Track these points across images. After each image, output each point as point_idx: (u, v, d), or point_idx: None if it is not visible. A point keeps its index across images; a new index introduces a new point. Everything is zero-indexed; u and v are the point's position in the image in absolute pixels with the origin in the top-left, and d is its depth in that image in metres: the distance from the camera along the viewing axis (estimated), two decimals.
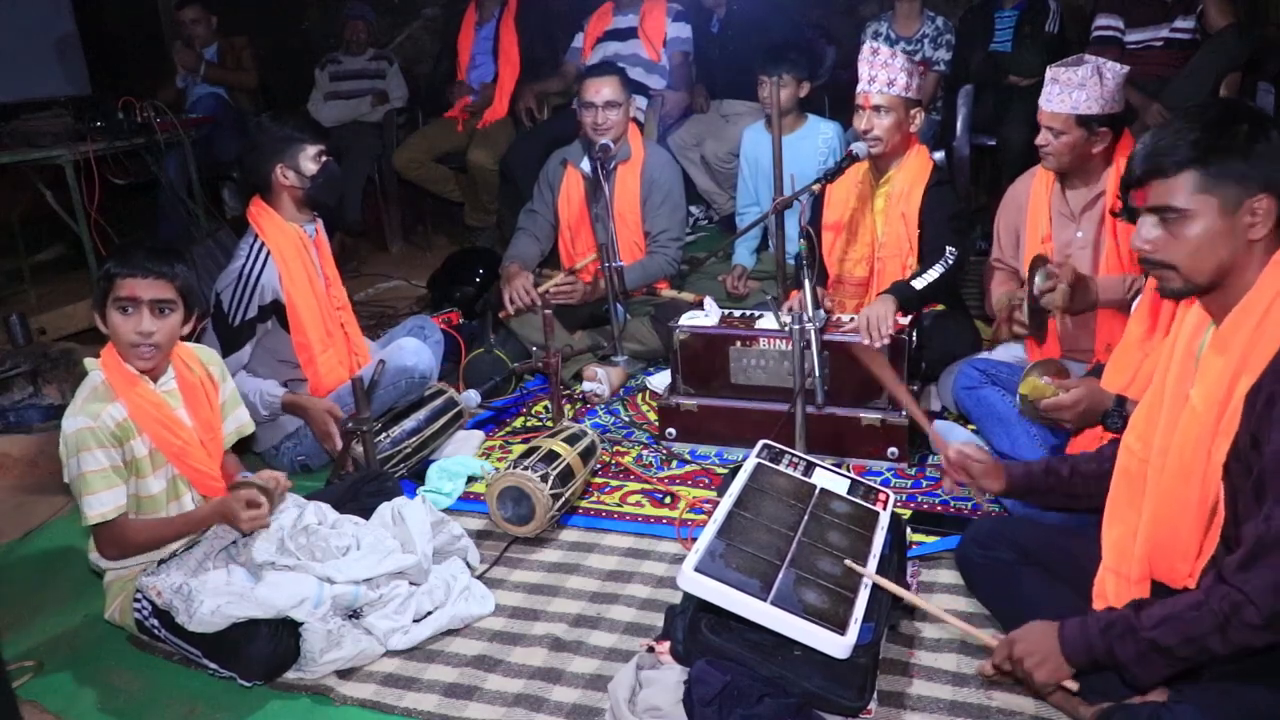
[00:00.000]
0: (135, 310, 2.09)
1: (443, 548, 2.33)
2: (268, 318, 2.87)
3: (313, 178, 2.84)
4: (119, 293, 2.08)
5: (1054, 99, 2.53)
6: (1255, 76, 4.12)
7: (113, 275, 2.09)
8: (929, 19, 4.62)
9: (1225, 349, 1.52)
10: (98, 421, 2.07)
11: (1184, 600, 1.47)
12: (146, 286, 2.09)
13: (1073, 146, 2.56)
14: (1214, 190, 1.49)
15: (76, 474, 2.07)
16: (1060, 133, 2.55)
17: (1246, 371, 1.48)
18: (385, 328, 3.82)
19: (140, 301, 2.09)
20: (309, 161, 2.83)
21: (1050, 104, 2.54)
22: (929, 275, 2.84)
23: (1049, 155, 2.60)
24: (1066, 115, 2.52)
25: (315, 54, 5.74)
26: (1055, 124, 2.55)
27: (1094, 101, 2.49)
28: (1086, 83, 2.49)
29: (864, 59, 2.93)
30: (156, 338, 2.11)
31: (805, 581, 1.85)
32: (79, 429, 2.06)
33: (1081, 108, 2.50)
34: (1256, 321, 1.48)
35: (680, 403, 2.97)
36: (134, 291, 2.08)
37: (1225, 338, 1.53)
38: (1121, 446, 1.75)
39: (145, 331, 2.09)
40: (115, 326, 2.10)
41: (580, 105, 3.62)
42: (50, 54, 5.26)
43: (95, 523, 2.09)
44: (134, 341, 2.10)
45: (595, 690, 1.97)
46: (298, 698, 2.05)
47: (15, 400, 3.42)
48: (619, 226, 3.65)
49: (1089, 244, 2.66)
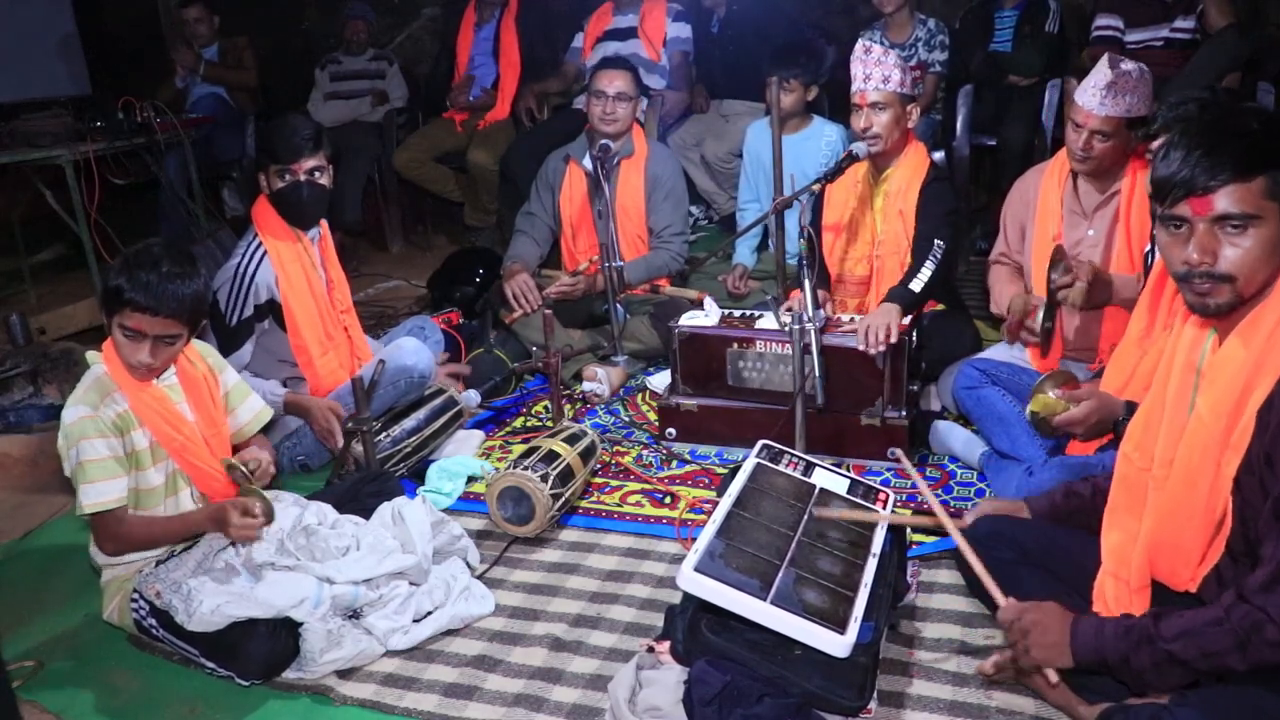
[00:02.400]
0: (139, 341, 2.07)
1: (443, 548, 2.33)
2: (264, 317, 2.87)
3: (274, 193, 2.84)
4: (125, 322, 2.05)
5: (1108, 103, 2.47)
6: (1255, 76, 4.12)
7: (123, 301, 2.02)
8: (920, 22, 4.63)
9: (1235, 359, 1.50)
10: (98, 411, 2.07)
11: (1204, 616, 1.46)
12: (155, 324, 2.05)
13: (1113, 150, 2.52)
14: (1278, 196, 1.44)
15: (75, 463, 2.06)
16: (1109, 136, 2.50)
17: (1259, 384, 1.46)
18: (385, 328, 3.82)
19: (146, 336, 2.06)
20: (273, 177, 2.83)
21: (1105, 108, 2.48)
22: (923, 274, 2.84)
23: (1090, 159, 2.54)
24: (1120, 119, 2.48)
25: (315, 54, 5.74)
26: (1106, 128, 2.49)
27: (1143, 103, 2.47)
28: (1139, 85, 2.45)
29: (857, 58, 2.93)
30: (155, 365, 2.11)
31: (805, 581, 1.85)
32: (79, 418, 2.06)
33: (1135, 110, 2.47)
34: (1268, 332, 1.46)
35: (680, 403, 2.97)
36: (140, 326, 2.04)
37: (1232, 348, 1.51)
38: (1119, 455, 1.74)
39: (143, 362, 2.08)
40: (118, 344, 2.09)
41: (590, 94, 3.63)
42: (50, 54, 5.27)
43: (92, 512, 2.07)
44: (133, 365, 2.09)
45: (595, 690, 1.97)
46: (298, 698, 2.05)
47: (15, 400, 3.42)
48: (621, 222, 3.65)
49: (1100, 242, 2.65)
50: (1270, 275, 1.48)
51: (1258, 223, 1.44)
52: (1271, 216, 1.44)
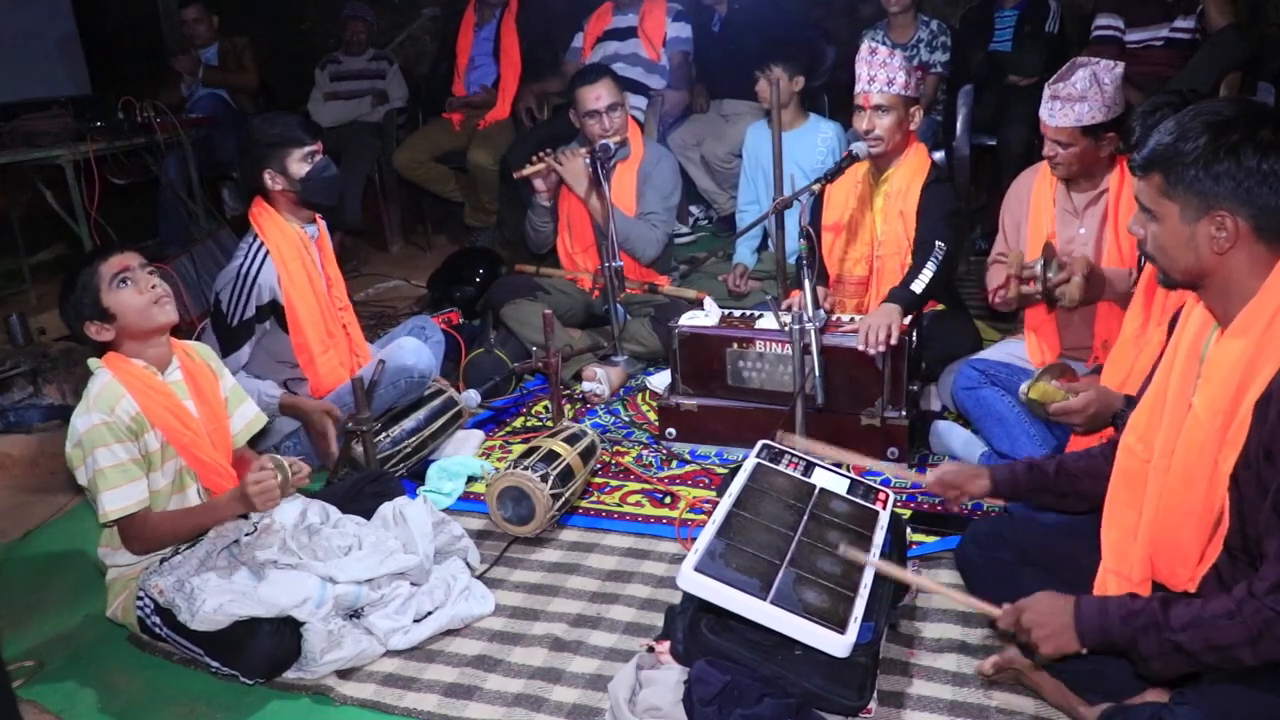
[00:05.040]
0: (131, 278, 2.14)
1: (443, 548, 2.34)
2: (266, 318, 2.87)
3: (302, 180, 2.83)
4: (111, 271, 2.12)
5: (1056, 114, 2.49)
6: (1255, 76, 4.12)
7: (94, 267, 2.13)
8: (923, 23, 4.63)
9: (1228, 357, 1.50)
10: (113, 416, 2.07)
11: (1214, 607, 1.45)
12: (129, 256, 2.17)
13: (1081, 156, 2.53)
14: (1174, 197, 1.49)
15: (94, 470, 2.06)
16: (1067, 145, 2.52)
17: (1254, 382, 1.46)
18: (385, 328, 3.82)
19: (131, 268, 2.15)
20: (296, 163, 2.82)
21: (1054, 119, 2.50)
22: (924, 275, 2.84)
23: (1058, 165, 2.57)
24: (1071, 129, 2.49)
25: (315, 54, 5.74)
26: (1061, 137, 2.52)
27: (1097, 110, 2.47)
28: (1087, 94, 2.45)
29: (862, 59, 2.92)
30: (160, 288, 2.17)
31: (805, 581, 1.85)
32: (93, 425, 2.06)
33: (1085, 119, 2.47)
34: (1261, 330, 1.47)
35: (680, 403, 2.97)
36: (124, 263, 2.15)
37: (1228, 345, 1.51)
38: (1121, 447, 1.74)
39: (151, 285, 2.15)
40: (125, 301, 2.12)
41: (583, 116, 3.60)
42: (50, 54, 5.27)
43: (116, 518, 2.08)
44: (152, 298, 2.15)
45: (595, 690, 1.97)
46: (298, 698, 2.05)
47: (15, 400, 3.42)
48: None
49: (1091, 240, 2.65)
50: (1194, 268, 1.52)
51: (1156, 216, 1.53)
52: (1169, 215, 1.51)
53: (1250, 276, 1.48)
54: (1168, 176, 1.49)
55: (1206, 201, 1.46)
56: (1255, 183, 1.43)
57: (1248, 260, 1.48)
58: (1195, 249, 1.50)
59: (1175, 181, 1.48)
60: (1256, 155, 1.42)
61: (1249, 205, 1.44)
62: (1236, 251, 1.47)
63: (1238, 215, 1.45)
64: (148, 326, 2.16)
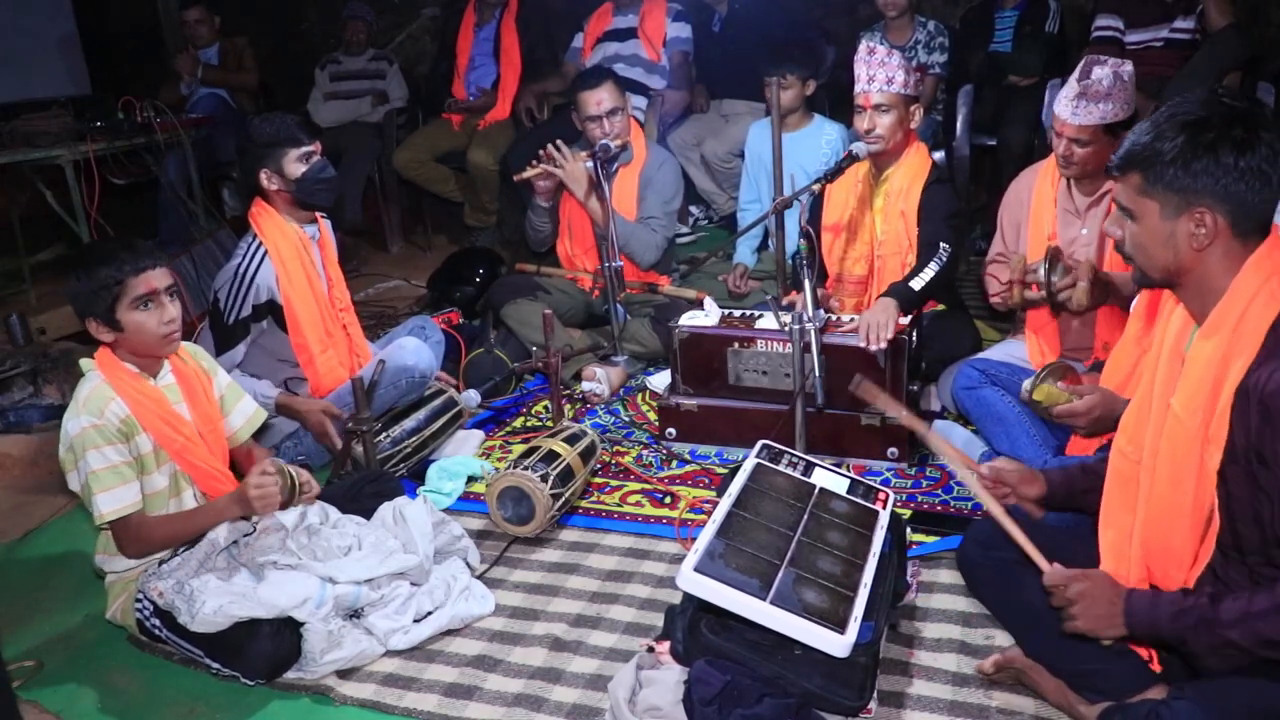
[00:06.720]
0: (156, 303, 2.11)
1: (443, 548, 2.34)
2: (263, 317, 2.86)
3: (298, 180, 2.81)
4: (138, 291, 2.08)
5: (1080, 112, 2.45)
6: (1255, 76, 4.12)
7: (123, 277, 2.07)
8: (920, 24, 4.63)
9: (1204, 353, 1.52)
10: (103, 419, 2.06)
11: (1262, 600, 1.45)
12: (160, 276, 2.13)
13: (1096, 155, 2.50)
14: (1154, 195, 1.51)
15: (86, 473, 2.05)
16: (1087, 144, 2.49)
17: (1228, 377, 1.47)
18: (385, 328, 3.82)
19: (159, 292, 2.11)
20: (292, 164, 2.81)
21: (1077, 117, 2.46)
22: (925, 275, 2.84)
23: (1074, 165, 2.54)
24: (1095, 127, 2.46)
25: (315, 54, 5.75)
26: (1083, 136, 2.48)
27: (1120, 108, 2.45)
28: (1113, 91, 2.43)
29: (861, 59, 2.92)
30: (176, 321, 2.15)
31: (805, 581, 1.85)
32: (83, 428, 2.05)
33: (1109, 117, 2.44)
34: (1233, 326, 1.48)
35: (680, 403, 2.97)
36: (152, 284, 2.10)
37: (1203, 344, 1.53)
38: (1113, 449, 1.74)
39: (171, 319, 2.13)
40: (140, 324, 2.10)
41: (584, 120, 3.59)
42: (50, 54, 5.28)
43: (111, 520, 2.07)
44: (165, 333, 2.13)
45: (595, 690, 1.97)
46: (298, 698, 2.05)
47: (15, 400, 3.42)
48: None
49: (1093, 241, 2.65)
50: (1172, 266, 1.53)
51: (1135, 214, 1.55)
52: (1148, 213, 1.52)
53: (1224, 274, 1.50)
54: (1146, 175, 1.51)
55: (1186, 199, 1.48)
56: (1233, 179, 1.45)
57: (1223, 257, 1.50)
58: (1174, 246, 1.52)
59: (1154, 180, 1.50)
60: (1233, 153, 1.44)
61: (1227, 201, 1.46)
62: (1214, 248, 1.50)
63: (1216, 211, 1.47)
64: (149, 352, 2.16)
